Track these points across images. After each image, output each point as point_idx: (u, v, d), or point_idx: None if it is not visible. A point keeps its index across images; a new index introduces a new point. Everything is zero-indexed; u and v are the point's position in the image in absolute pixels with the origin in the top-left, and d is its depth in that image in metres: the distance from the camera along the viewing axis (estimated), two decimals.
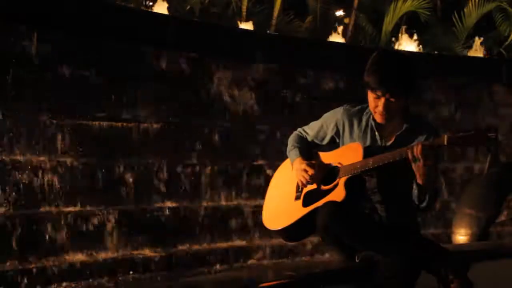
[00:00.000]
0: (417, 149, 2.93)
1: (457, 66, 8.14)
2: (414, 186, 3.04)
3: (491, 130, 2.86)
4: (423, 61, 7.72)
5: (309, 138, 3.50)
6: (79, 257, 5.33)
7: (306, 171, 3.32)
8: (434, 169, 2.98)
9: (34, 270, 5.03)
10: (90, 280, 5.30)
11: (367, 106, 3.25)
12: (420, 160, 2.93)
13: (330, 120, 3.41)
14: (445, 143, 2.91)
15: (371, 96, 3.15)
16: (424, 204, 3.06)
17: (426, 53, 8.57)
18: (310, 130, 3.51)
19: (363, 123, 3.29)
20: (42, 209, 5.23)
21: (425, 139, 3.09)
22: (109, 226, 5.53)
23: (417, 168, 2.96)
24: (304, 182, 3.33)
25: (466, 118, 7.63)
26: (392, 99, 3.09)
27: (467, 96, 7.86)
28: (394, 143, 3.19)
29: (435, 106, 7.58)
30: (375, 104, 3.14)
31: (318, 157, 3.41)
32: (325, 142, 3.46)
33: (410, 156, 2.96)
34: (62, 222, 5.29)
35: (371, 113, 3.25)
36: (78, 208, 5.39)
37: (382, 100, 3.10)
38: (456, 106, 7.70)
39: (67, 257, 5.26)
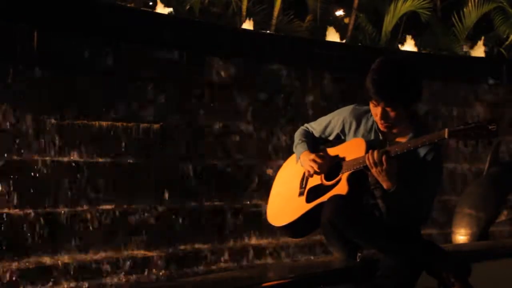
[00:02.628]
0: (374, 156, 3.00)
1: (457, 66, 8.15)
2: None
3: (491, 122, 2.86)
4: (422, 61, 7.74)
5: (316, 134, 3.51)
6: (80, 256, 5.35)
7: (314, 161, 3.32)
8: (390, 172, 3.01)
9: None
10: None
11: None
12: (377, 166, 3.00)
13: (338, 117, 3.41)
14: (446, 136, 2.91)
15: (371, 103, 3.16)
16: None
17: (426, 53, 8.58)
18: (317, 125, 3.51)
19: (369, 124, 3.30)
20: None
21: (427, 152, 3.12)
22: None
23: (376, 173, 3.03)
24: (312, 172, 3.33)
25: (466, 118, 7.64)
26: (388, 109, 3.09)
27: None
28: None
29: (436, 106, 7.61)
30: (375, 111, 3.16)
31: (323, 151, 3.42)
32: (331, 138, 3.47)
33: (367, 163, 3.03)
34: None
35: None
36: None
37: (379, 108, 3.11)
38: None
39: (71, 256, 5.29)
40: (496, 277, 3.74)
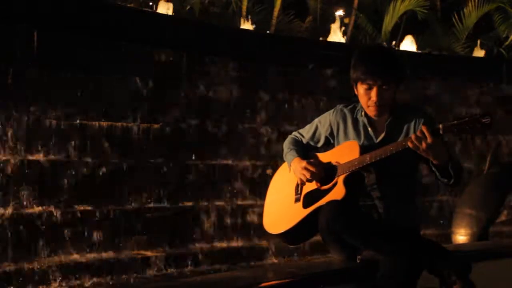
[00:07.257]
0: (412, 139, 2.95)
1: (457, 66, 8.14)
2: (433, 169, 3.04)
3: (485, 116, 2.86)
4: (423, 61, 7.74)
5: (304, 141, 3.52)
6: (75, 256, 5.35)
7: (306, 169, 3.32)
8: (440, 147, 2.95)
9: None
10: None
11: (358, 104, 3.29)
12: (421, 146, 2.93)
13: (324, 122, 3.44)
14: (441, 132, 2.92)
15: (362, 88, 3.18)
16: (452, 181, 3.04)
17: (426, 53, 8.57)
18: (305, 132, 3.53)
19: (356, 121, 3.32)
20: None
21: (415, 123, 3.15)
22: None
23: (424, 153, 2.95)
24: (305, 180, 3.33)
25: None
26: (384, 87, 3.13)
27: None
28: (386, 134, 3.22)
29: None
30: (368, 96, 3.17)
31: (315, 157, 3.42)
32: (320, 144, 3.48)
33: (411, 145, 2.96)
34: None
35: (362, 110, 3.28)
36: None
37: (375, 89, 3.14)
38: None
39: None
40: (496, 277, 3.74)
